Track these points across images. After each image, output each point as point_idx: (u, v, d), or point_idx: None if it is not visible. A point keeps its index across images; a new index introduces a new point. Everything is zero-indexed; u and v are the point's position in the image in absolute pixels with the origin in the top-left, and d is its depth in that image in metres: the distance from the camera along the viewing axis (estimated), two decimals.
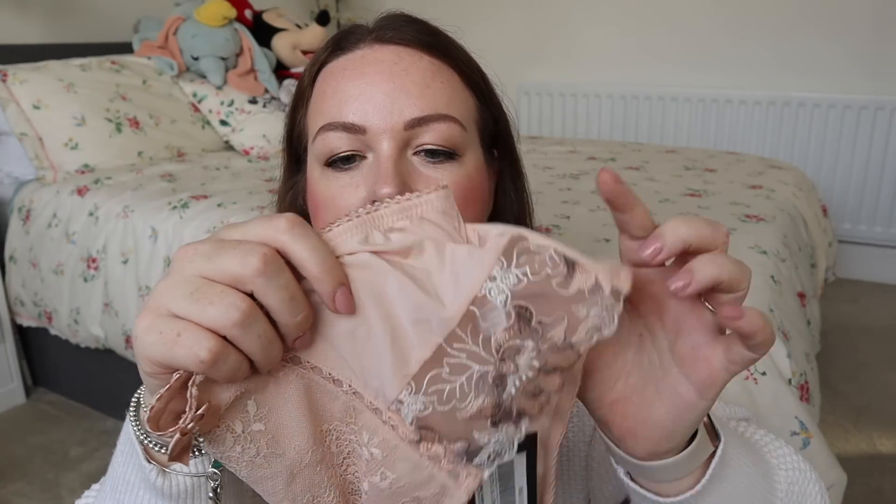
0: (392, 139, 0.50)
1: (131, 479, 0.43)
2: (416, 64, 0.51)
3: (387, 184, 0.48)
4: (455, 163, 0.51)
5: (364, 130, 0.50)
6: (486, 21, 3.26)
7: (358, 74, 0.51)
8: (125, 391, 1.88)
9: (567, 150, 2.33)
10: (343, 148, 0.50)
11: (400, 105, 0.50)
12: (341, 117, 0.50)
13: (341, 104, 0.51)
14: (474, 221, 0.40)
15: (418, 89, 0.50)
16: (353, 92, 0.50)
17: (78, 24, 2.43)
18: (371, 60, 0.52)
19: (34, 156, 1.95)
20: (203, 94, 2.32)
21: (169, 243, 1.58)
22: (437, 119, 0.50)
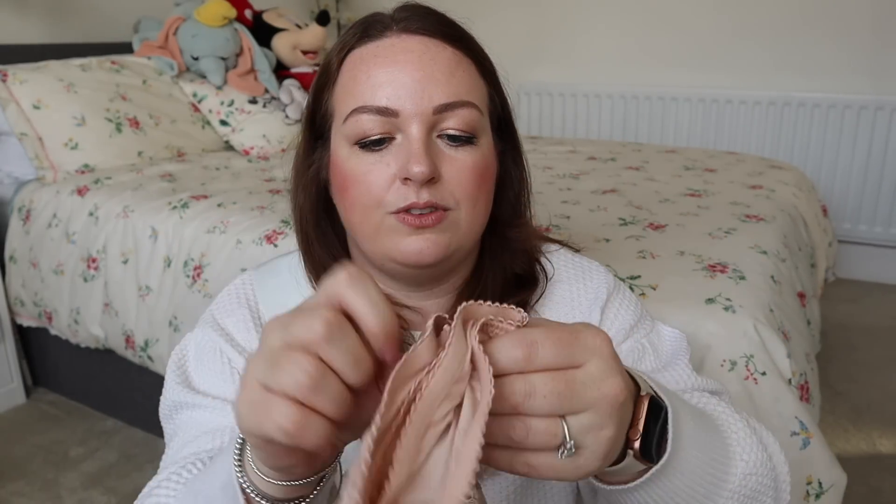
0: (422, 122, 0.55)
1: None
2: (441, 54, 0.56)
3: (419, 163, 0.53)
4: (473, 146, 0.57)
5: (396, 114, 0.55)
6: (486, 21, 3.26)
7: (390, 62, 0.55)
8: (125, 391, 1.88)
9: (567, 150, 2.33)
10: (375, 130, 0.55)
11: (430, 91, 0.55)
12: (374, 101, 0.55)
13: (374, 89, 0.55)
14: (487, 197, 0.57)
15: (445, 77, 0.55)
16: (386, 78, 0.55)
17: (78, 25, 2.43)
18: (401, 49, 0.56)
19: (34, 156, 1.95)
20: (203, 94, 2.32)
21: (169, 243, 1.58)
22: (461, 105, 0.56)
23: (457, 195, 0.56)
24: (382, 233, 0.57)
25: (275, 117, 2.36)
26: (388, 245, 0.57)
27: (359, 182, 0.56)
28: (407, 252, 0.56)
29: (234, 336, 0.65)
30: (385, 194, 0.56)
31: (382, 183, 0.55)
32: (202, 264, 1.52)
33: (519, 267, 0.65)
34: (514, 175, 0.65)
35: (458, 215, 0.57)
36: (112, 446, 1.82)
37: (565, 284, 0.68)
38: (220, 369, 0.63)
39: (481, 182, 0.58)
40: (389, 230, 0.56)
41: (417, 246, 0.56)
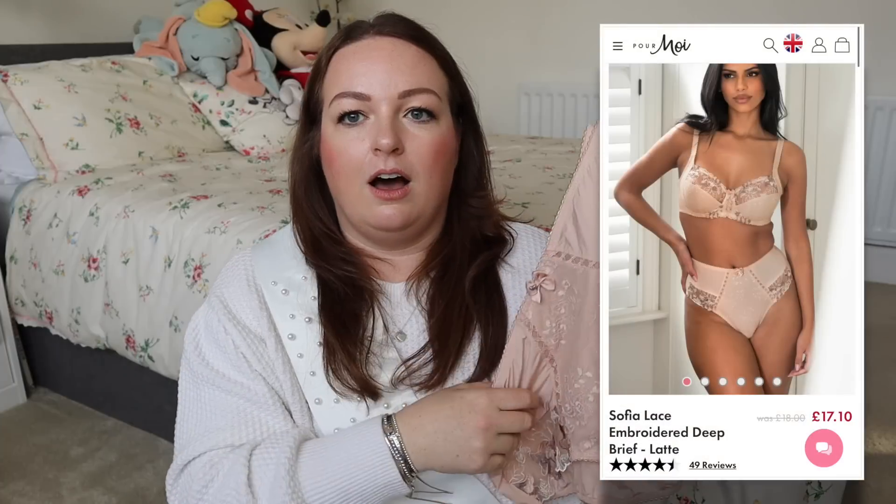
0: (389, 104, 0.69)
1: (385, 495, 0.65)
2: (406, 51, 0.70)
3: (385, 136, 0.67)
4: (433, 123, 0.71)
5: (369, 98, 0.69)
6: (486, 21, 3.27)
7: (364, 57, 0.70)
8: (125, 391, 1.88)
9: (567, 150, 2.33)
10: (352, 108, 0.69)
11: (395, 80, 0.69)
12: (352, 87, 0.69)
13: (352, 78, 0.69)
14: (444, 170, 0.73)
15: (409, 69, 0.70)
16: (361, 70, 0.69)
17: (78, 25, 2.43)
18: (374, 47, 0.70)
19: (35, 156, 1.95)
20: (203, 94, 2.32)
21: (169, 243, 1.59)
22: (421, 91, 0.70)
23: (417, 167, 0.70)
24: (361, 201, 0.71)
25: (275, 118, 2.36)
26: (365, 212, 0.71)
27: (341, 154, 0.70)
28: (379, 218, 0.70)
29: (234, 310, 0.74)
30: (361, 163, 0.69)
31: (360, 154, 0.69)
32: (202, 264, 1.52)
33: (488, 230, 0.79)
34: (475, 153, 0.79)
35: (418, 186, 0.70)
36: (112, 446, 1.82)
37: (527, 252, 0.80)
38: (226, 348, 0.72)
39: (438, 156, 0.71)
40: (366, 200, 0.70)
41: (386, 213, 0.70)
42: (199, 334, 0.76)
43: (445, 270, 0.75)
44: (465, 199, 0.78)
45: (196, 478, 0.67)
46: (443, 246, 0.77)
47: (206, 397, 0.72)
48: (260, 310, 0.73)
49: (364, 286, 0.74)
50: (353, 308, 0.73)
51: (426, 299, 0.75)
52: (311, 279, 0.75)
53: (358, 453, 0.64)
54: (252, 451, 0.66)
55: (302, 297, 0.74)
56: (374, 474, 0.63)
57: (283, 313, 0.73)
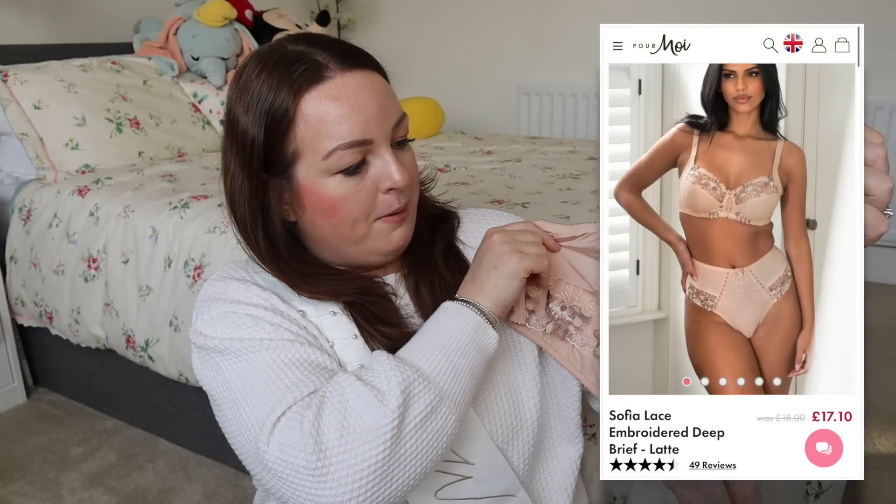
0: (387, 142, 0.69)
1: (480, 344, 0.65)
2: (377, 82, 0.69)
3: (400, 175, 0.68)
4: (408, 144, 0.73)
5: (371, 142, 0.67)
6: (486, 21, 3.27)
7: (352, 100, 0.66)
8: (125, 391, 1.88)
9: (567, 150, 2.33)
10: (357, 158, 0.67)
11: (387, 115, 0.68)
12: (351, 137, 0.66)
13: (351, 127, 0.66)
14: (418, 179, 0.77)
15: (389, 100, 0.70)
16: (350, 114, 0.66)
17: (79, 25, 2.43)
18: (353, 87, 0.67)
19: (35, 156, 1.95)
20: (203, 94, 2.32)
21: (169, 243, 1.59)
22: (402, 117, 0.71)
23: (411, 186, 0.72)
24: (372, 236, 0.71)
25: None
26: (378, 244, 0.72)
27: (348, 203, 0.68)
28: (393, 243, 0.72)
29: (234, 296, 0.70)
30: (372, 206, 0.69)
31: (368, 198, 0.69)
32: (202, 264, 1.52)
33: (433, 209, 0.82)
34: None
35: (411, 203, 0.73)
36: (112, 446, 1.82)
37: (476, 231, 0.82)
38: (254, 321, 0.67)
39: (417, 170, 0.74)
40: (377, 233, 0.71)
41: (398, 236, 0.72)
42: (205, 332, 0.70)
43: (416, 255, 0.77)
44: None
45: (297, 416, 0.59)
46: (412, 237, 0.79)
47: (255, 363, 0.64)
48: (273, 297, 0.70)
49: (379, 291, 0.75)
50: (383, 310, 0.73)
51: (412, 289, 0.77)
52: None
53: (440, 319, 0.66)
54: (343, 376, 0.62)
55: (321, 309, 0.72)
56: (460, 322, 0.65)
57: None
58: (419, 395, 0.59)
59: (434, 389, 0.60)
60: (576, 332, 0.74)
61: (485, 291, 0.66)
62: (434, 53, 3.39)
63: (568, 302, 0.74)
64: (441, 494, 0.70)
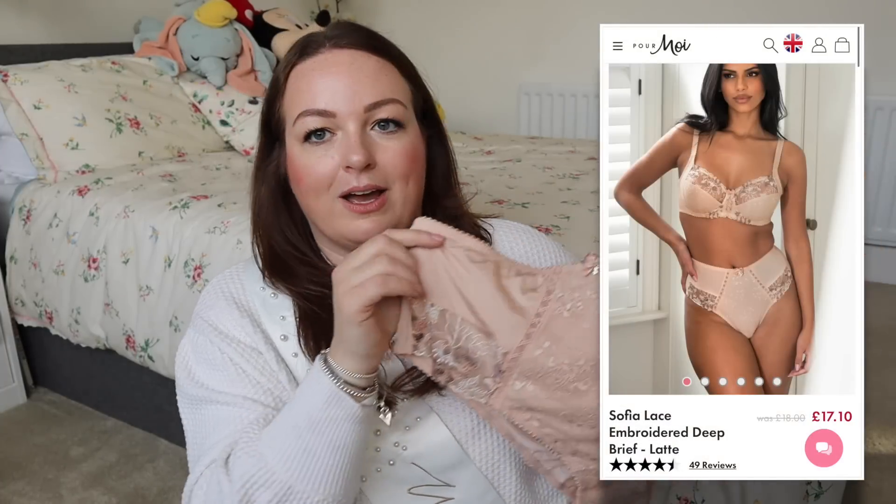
0: (356, 119, 0.67)
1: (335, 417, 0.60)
2: (367, 63, 0.69)
3: (356, 153, 0.66)
4: (401, 132, 0.69)
5: (334, 114, 0.67)
6: (486, 21, 3.27)
7: (325, 73, 0.68)
8: (126, 391, 1.88)
9: (567, 150, 2.33)
10: (317, 126, 0.67)
11: (359, 94, 0.67)
12: (315, 105, 0.67)
13: (315, 95, 0.67)
14: (418, 176, 0.72)
15: (371, 81, 0.68)
16: (323, 86, 0.67)
17: (79, 25, 2.43)
18: (333, 62, 0.68)
19: (35, 156, 1.95)
20: (203, 94, 2.32)
21: (169, 243, 1.59)
22: (386, 102, 0.68)
23: (391, 176, 0.69)
24: (334, 216, 0.69)
25: None
26: (340, 227, 0.70)
27: (309, 172, 0.68)
28: (357, 233, 0.69)
29: (223, 329, 0.72)
30: (331, 181, 0.68)
31: (328, 171, 0.68)
32: (202, 264, 1.52)
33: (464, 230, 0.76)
34: (441, 155, 0.77)
35: (394, 195, 0.69)
36: (112, 446, 1.82)
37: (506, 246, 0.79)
38: (223, 366, 0.71)
39: (411, 163, 0.70)
40: (340, 214, 0.69)
41: (365, 227, 0.69)
42: (189, 360, 0.74)
43: None
44: (437, 201, 0.77)
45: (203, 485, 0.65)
46: None
47: (207, 414, 0.70)
48: (250, 325, 0.72)
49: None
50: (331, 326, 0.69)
51: None
52: None
53: (303, 385, 0.62)
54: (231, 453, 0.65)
55: (290, 300, 0.73)
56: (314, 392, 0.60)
57: (273, 317, 0.72)
58: (261, 490, 0.59)
59: (278, 482, 0.59)
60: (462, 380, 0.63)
61: (340, 345, 0.60)
62: (434, 53, 3.39)
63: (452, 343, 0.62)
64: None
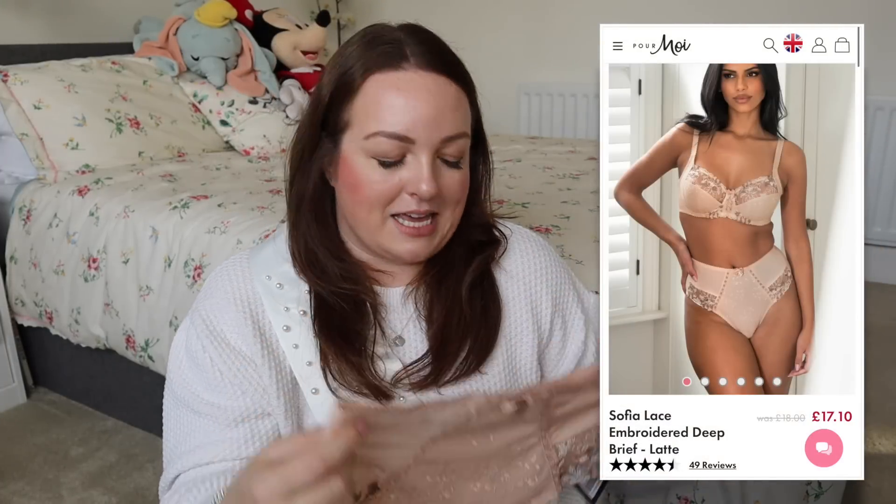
0: (431, 150, 0.68)
1: None
2: (449, 92, 0.69)
3: (426, 183, 0.67)
4: (462, 161, 0.71)
5: (413, 141, 0.67)
6: (486, 21, 3.27)
7: (410, 96, 0.67)
8: (126, 391, 1.88)
9: (567, 150, 2.33)
10: (393, 153, 0.67)
11: (439, 124, 0.67)
12: (395, 128, 0.66)
13: (395, 117, 0.67)
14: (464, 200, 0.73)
15: (451, 113, 0.68)
16: (405, 109, 0.67)
17: (78, 25, 2.43)
18: (420, 85, 0.67)
19: (35, 156, 1.95)
20: (203, 94, 2.32)
21: (169, 243, 1.59)
22: (459, 136, 0.69)
23: (445, 203, 0.71)
24: (384, 232, 0.70)
25: (275, 118, 2.36)
26: (387, 244, 0.70)
27: (371, 187, 0.68)
28: (403, 252, 0.71)
29: (219, 330, 0.71)
30: (390, 200, 0.69)
31: (391, 192, 0.68)
32: (202, 264, 1.52)
33: (481, 235, 0.79)
34: (479, 168, 0.79)
35: (443, 219, 0.71)
36: (112, 446, 1.82)
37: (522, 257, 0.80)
38: (208, 370, 0.70)
39: (463, 192, 0.72)
40: (389, 232, 0.70)
41: (412, 249, 0.70)
42: (181, 355, 0.74)
43: (443, 277, 0.75)
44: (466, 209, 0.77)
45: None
46: (441, 254, 0.76)
47: (183, 419, 0.71)
48: (250, 329, 0.71)
49: (364, 299, 0.73)
50: (352, 323, 0.72)
51: (424, 305, 0.75)
52: None
53: None
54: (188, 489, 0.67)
55: (296, 291, 0.73)
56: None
57: (277, 307, 0.72)
58: None
59: None
60: None
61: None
62: None
63: None
64: None
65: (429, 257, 0.73)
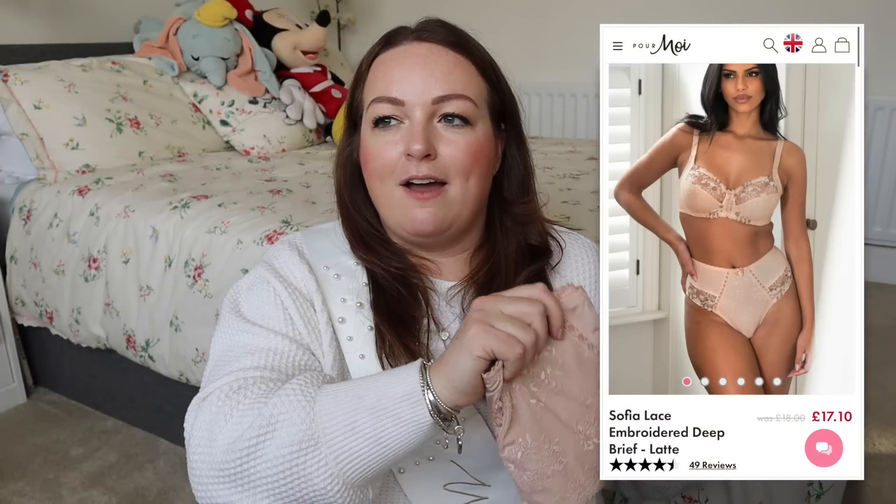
0: (423, 110, 0.69)
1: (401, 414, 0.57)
2: (443, 57, 0.71)
3: (417, 142, 0.68)
4: (468, 128, 0.71)
5: (403, 103, 0.70)
6: (486, 21, 3.26)
7: (401, 63, 0.71)
8: (126, 391, 1.88)
9: (567, 150, 2.33)
10: (386, 112, 0.70)
11: (430, 86, 0.69)
12: (387, 93, 0.70)
13: (389, 84, 0.71)
14: (481, 175, 0.73)
15: (443, 75, 0.70)
16: (397, 75, 0.71)
17: (79, 25, 2.43)
18: (411, 54, 0.71)
19: (35, 156, 1.95)
20: (203, 94, 2.32)
21: (169, 243, 1.59)
22: (455, 97, 0.70)
23: (451, 170, 0.70)
24: (395, 203, 0.72)
25: (275, 118, 2.36)
26: (399, 214, 0.72)
27: (375, 156, 0.71)
28: (413, 221, 0.71)
29: (286, 274, 0.74)
30: (395, 167, 0.70)
31: (393, 157, 0.70)
32: (203, 264, 1.52)
33: (533, 238, 0.78)
34: (518, 161, 0.79)
35: (454, 190, 0.71)
36: (112, 446, 1.82)
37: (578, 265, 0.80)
38: (272, 302, 0.71)
39: (473, 160, 0.71)
40: (399, 201, 0.71)
41: (421, 216, 0.70)
42: (240, 294, 0.74)
43: (491, 279, 0.75)
44: (508, 206, 0.78)
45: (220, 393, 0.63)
46: (486, 253, 0.77)
47: (239, 342, 0.68)
48: (314, 282, 0.73)
49: (416, 283, 0.75)
50: (407, 306, 0.73)
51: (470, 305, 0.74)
52: (363, 267, 0.76)
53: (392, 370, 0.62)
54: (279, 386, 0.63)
55: (354, 283, 0.74)
56: (396, 381, 0.58)
57: (334, 297, 0.73)
58: (287, 429, 0.57)
59: (309, 432, 0.57)
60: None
61: (443, 366, 0.58)
62: None
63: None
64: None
65: (442, 232, 0.72)
